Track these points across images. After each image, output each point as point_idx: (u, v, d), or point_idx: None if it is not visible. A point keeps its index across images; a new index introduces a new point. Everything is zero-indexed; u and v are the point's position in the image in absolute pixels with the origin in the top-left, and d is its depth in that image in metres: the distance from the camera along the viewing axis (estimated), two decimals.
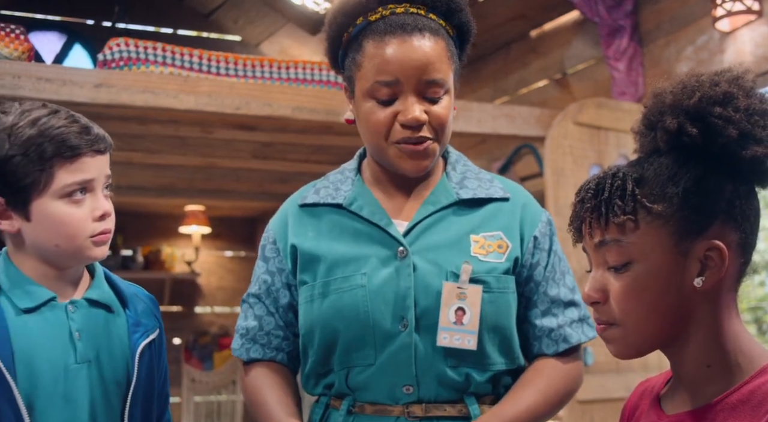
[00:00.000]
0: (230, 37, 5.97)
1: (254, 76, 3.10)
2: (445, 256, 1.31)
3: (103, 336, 1.28)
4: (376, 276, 1.30)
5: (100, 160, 1.27)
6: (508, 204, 1.39)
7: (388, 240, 1.32)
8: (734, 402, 0.91)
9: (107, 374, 1.27)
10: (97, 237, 1.27)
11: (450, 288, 1.28)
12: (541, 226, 1.42)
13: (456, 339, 1.27)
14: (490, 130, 3.33)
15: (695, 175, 0.95)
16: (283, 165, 4.02)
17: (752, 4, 3.07)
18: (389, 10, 1.29)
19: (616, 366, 3.05)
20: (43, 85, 2.63)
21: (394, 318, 1.28)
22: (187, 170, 4.20)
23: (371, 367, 1.29)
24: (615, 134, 3.31)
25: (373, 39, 1.28)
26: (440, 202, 1.36)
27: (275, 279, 1.40)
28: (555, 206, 3.07)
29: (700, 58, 3.39)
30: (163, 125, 3.20)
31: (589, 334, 1.40)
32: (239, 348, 1.42)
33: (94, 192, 1.27)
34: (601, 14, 3.68)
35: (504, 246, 1.34)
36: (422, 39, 1.27)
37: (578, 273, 3.05)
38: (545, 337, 1.37)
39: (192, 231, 5.57)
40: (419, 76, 1.27)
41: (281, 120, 3.02)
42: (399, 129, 1.28)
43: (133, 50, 2.92)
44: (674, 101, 0.97)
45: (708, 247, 0.94)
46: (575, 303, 1.40)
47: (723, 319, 0.96)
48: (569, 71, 4.26)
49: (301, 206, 1.41)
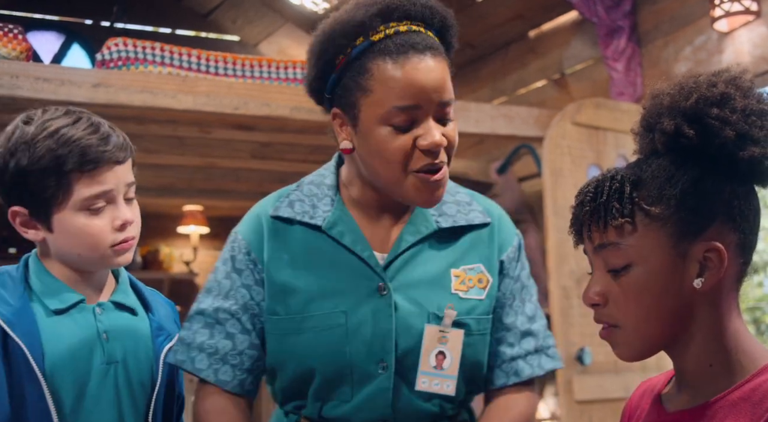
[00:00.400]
0: (229, 37, 5.97)
1: (253, 76, 3.10)
2: (427, 295, 1.27)
3: (129, 338, 1.31)
4: (356, 315, 1.24)
5: (120, 169, 1.28)
6: (486, 230, 1.34)
7: (369, 274, 1.26)
8: (735, 400, 0.92)
9: (133, 375, 1.29)
10: (118, 246, 1.28)
11: (432, 331, 1.25)
12: (510, 251, 1.36)
13: (435, 384, 1.25)
14: (489, 130, 3.33)
15: (693, 176, 0.95)
16: (282, 165, 4.01)
17: (750, 4, 3.07)
18: (392, 28, 1.19)
19: (614, 366, 3.05)
20: (42, 85, 2.63)
21: (373, 359, 1.24)
22: (185, 170, 4.19)
23: (347, 404, 1.26)
24: (613, 134, 3.31)
25: (383, 60, 1.17)
26: (420, 231, 1.29)
27: (253, 292, 1.30)
28: (554, 206, 3.08)
29: (698, 58, 3.40)
30: (161, 125, 3.20)
31: (546, 366, 1.35)
32: (206, 369, 1.29)
33: (114, 201, 1.28)
34: (599, 14, 3.68)
35: (484, 281, 1.31)
36: (434, 58, 1.19)
37: (576, 274, 3.05)
38: (497, 368, 1.34)
39: (190, 231, 5.56)
40: (438, 98, 1.19)
41: (280, 120, 3.02)
42: (419, 156, 1.18)
43: (131, 50, 2.92)
44: (671, 102, 0.97)
45: (707, 249, 0.94)
46: (532, 332, 1.35)
47: (724, 319, 0.96)
48: (567, 71, 4.26)
49: (273, 218, 1.32)
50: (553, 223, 3.05)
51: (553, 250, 3.04)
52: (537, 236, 4.18)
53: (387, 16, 1.19)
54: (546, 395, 4.18)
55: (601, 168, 3.25)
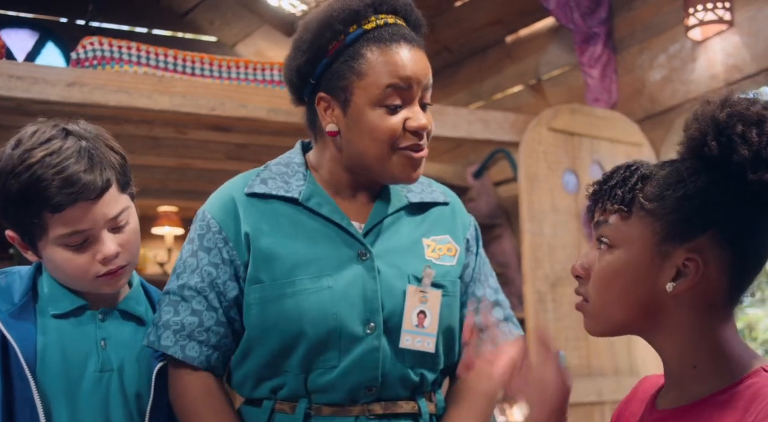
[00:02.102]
0: (206, 37, 5.94)
1: (229, 77, 3.08)
2: (405, 260, 1.34)
3: (130, 348, 1.30)
4: (342, 278, 1.29)
5: (97, 207, 1.23)
6: (448, 208, 1.44)
7: (349, 241, 1.32)
8: (722, 401, 0.94)
9: (129, 385, 1.28)
10: (103, 278, 1.26)
11: (413, 291, 1.31)
12: (471, 230, 1.46)
13: (417, 341, 1.31)
14: (465, 135, 3.35)
15: (700, 185, 0.97)
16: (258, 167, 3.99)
17: (724, 14, 3.12)
18: (382, 19, 1.30)
19: (588, 370, 3.07)
20: (15, 83, 2.60)
21: (361, 320, 1.28)
22: (160, 171, 4.16)
23: (334, 370, 1.28)
24: (589, 140, 3.34)
25: (378, 46, 1.28)
26: (393, 204, 1.38)
27: (220, 271, 1.31)
28: (529, 211, 3.09)
29: (672, 66, 3.44)
30: (136, 125, 3.18)
31: (514, 332, 1.45)
32: (173, 346, 1.28)
33: (95, 237, 1.25)
34: (575, 21, 3.71)
35: (453, 250, 1.39)
36: (420, 49, 1.32)
37: (551, 278, 3.07)
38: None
39: (165, 232, 5.52)
40: (425, 81, 1.31)
41: (256, 121, 3.01)
42: (406, 136, 1.29)
43: (107, 49, 2.90)
44: (709, 111, 0.98)
45: (687, 257, 0.96)
46: (499, 302, 1.46)
47: (709, 327, 0.98)
48: (544, 77, 4.29)
49: (248, 195, 1.35)
50: (529, 228, 3.07)
51: (528, 255, 3.06)
52: (512, 240, 4.20)
53: (378, 8, 1.31)
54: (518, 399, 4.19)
55: (577, 173, 3.28)
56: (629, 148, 3.39)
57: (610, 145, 3.39)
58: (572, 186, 3.26)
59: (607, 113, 3.49)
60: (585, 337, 3.10)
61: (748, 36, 3.10)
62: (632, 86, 3.65)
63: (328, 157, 1.36)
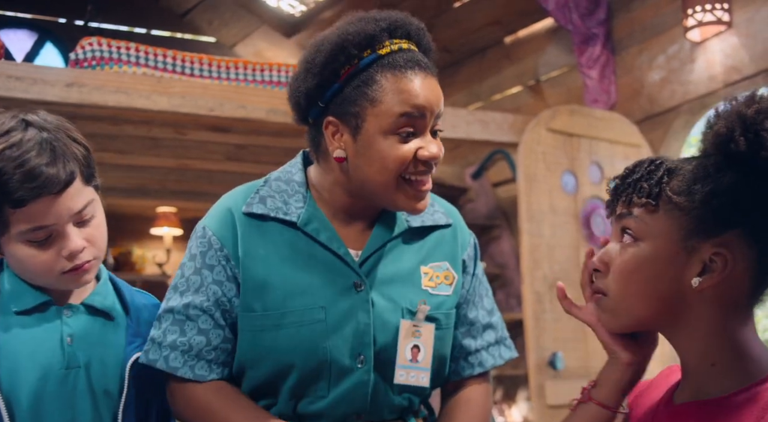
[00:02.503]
0: (205, 38, 5.94)
1: (228, 78, 3.08)
2: (400, 292, 1.32)
3: (97, 343, 1.26)
4: (334, 311, 1.27)
5: (60, 201, 1.19)
6: (449, 230, 1.41)
7: (345, 271, 1.29)
8: (740, 401, 0.93)
9: (96, 382, 1.24)
10: (69, 274, 1.23)
11: (407, 326, 1.30)
12: (469, 250, 1.43)
13: (411, 376, 1.31)
14: (464, 136, 3.35)
15: (728, 181, 0.96)
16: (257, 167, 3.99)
17: (722, 15, 3.12)
18: (396, 44, 1.27)
19: (586, 371, 3.07)
20: (13, 84, 2.60)
21: (351, 354, 1.28)
22: (159, 171, 4.16)
23: (323, 399, 1.28)
24: (587, 141, 3.34)
25: (392, 73, 1.24)
26: (392, 229, 1.35)
27: (224, 288, 1.29)
28: (528, 212, 3.09)
29: (671, 67, 3.44)
30: (135, 126, 3.17)
31: (505, 356, 1.45)
32: (182, 367, 1.27)
33: (59, 233, 1.20)
34: (574, 22, 3.71)
35: (450, 278, 1.37)
36: (433, 76, 1.29)
37: (549, 279, 3.07)
38: (462, 360, 1.42)
39: (163, 232, 5.52)
40: (436, 110, 1.27)
41: (255, 122, 3.01)
42: (417, 164, 1.26)
43: (105, 50, 2.90)
44: (735, 107, 0.98)
45: (714, 252, 0.95)
46: (492, 325, 1.44)
47: (731, 325, 0.97)
48: (543, 78, 4.30)
49: (246, 215, 1.31)
50: (527, 228, 3.07)
51: (526, 255, 3.06)
52: (511, 241, 4.20)
53: (393, 32, 1.27)
54: (518, 399, 4.20)
55: (576, 174, 3.28)
56: (628, 149, 3.39)
57: (608, 145, 3.39)
58: (571, 187, 3.26)
59: (606, 114, 3.50)
60: (583, 338, 3.10)
61: (747, 37, 3.11)
62: (631, 87, 3.65)
63: (330, 180, 1.32)
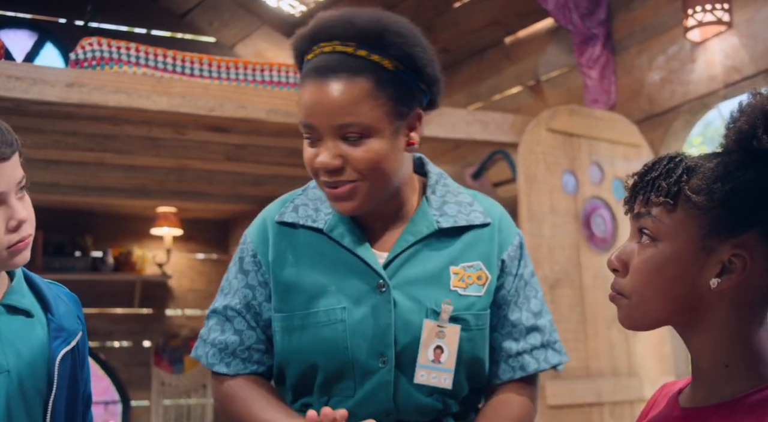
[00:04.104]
0: (205, 38, 5.94)
1: (228, 78, 3.08)
2: (425, 292, 1.31)
3: (21, 343, 1.23)
4: (356, 311, 1.29)
5: (7, 167, 1.18)
6: (487, 229, 1.37)
7: (369, 273, 1.30)
8: (753, 404, 0.92)
9: (27, 383, 1.22)
10: (14, 248, 1.20)
11: (430, 326, 1.29)
12: (511, 250, 1.38)
13: (433, 377, 1.29)
14: (464, 136, 3.35)
15: (749, 178, 0.94)
16: (257, 167, 4.00)
17: (722, 15, 3.12)
18: (320, 48, 1.26)
19: (587, 371, 3.07)
20: (13, 84, 2.60)
21: (373, 354, 1.28)
22: (159, 171, 4.16)
23: (351, 399, 1.29)
24: (587, 141, 3.34)
25: (302, 80, 1.27)
26: (420, 231, 1.33)
27: (256, 293, 1.36)
28: (528, 212, 3.09)
29: (671, 67, 3.44)
30: (135, 126, 3.17)
31: (552, 360, 1.40)
32: (219, 363, 1.36)
33: (5, 202, 1.19)
34: (574, 22, 3.71)
35: (483, 278, 1.34)
36: (335, 83, 1.22)
37: (550, 280, 3.07)
38: (503, 362, 1.38)
39: (163, 233, 5.52)
40: (329, 121, 1.23)
41: (255, 122, 3.01)
42: (321, 171, 1.27)
43: (105, 50, 2.89)
44: (758, 103, 0.96)
45: (733, 252, 0.94)
46: (538, 327, 1.39)
47: (747, 326, 0.96)
48: (543, 78, 4.30)
49: (279, 224, 1.37)
50: (528, 229, 3.06)
51: None
52: None
53: (316, 38, 1.27)
54: None
55: (576, 174, 3.28)
56: (628, 149, 3.39)
57: (609, 146, 3.39)
58: (571, 187, 3.26)
59: (606, 114, 3.50)
60: (584, 339, 3.10)
61: (747, 37, 3.11)
62: (631, 87, 3.65)
63: None
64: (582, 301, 3.12)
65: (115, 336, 5.70)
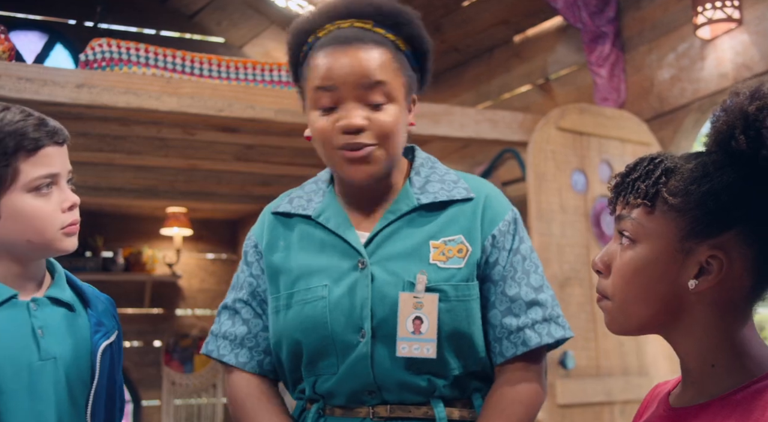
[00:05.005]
0: (213, 38, 5.95)
1: (237, 78, 3.09)
2: (403, 266, 1.32)
3: (66, 334, 1.29)
4: (337, 288, 1.32)
5: (62, 152, 1.29)
6: (470, 204, 1.37)
7: (350, 251, 1.34)
8: (739, 400, 0.92)
9: (71, 372, 1.27)
10: (67, 229, 1.29)
11: (406, 298, 1.29)
12: (502, 225, 1.37)
13: (415, 348, 1.28)
14: (473, 135, 3.34)
15: (726, 180, 0.94)
16: (266, 167, 4.00)
17: (732, 12, 3.10)
18: (336, 25, 1.34)
19: (596, 370, 3.06)
20: (24, 85, 2.61)
21: (352, 328, 1.30)
22: (168, 172, 4.17)
23: (335, 376, 1.31)
24: (597, 140, 3.33)
25: (316, 52, 1.32)
26: (401, 209, 1.36)
27: (259, 281, 1.42)
28: (538, 211, 3.09)
29: (681, 65, 3.42)
30: (145, 126, 3.19)
31: (556, 334, 1.35)
32: (228, 354, 1.41)
33: (59, 184, 1.29)
34: (584, 20, 3.70)
35: (464, 251, 1.33)
36: (362, 47, 1.31)
37: (559, 278, 3.06)
38: (505, 339, 1.34)
39: (173, 233, 5.53)
40: (358, 80, 1.29)
41: (264, 122, 3.01)
42: (340, 135, 1.29)
43: (115, 51, 2.90)
44: (738, 103, 0.96)
45: (711, 254, 0.94)
46: (539, 302, 1.35)
47: (730, 325, 0.96)
48: (552, 76, 4.29)
49: (273, 214, 1.44)
50: (537, 227, 3.06)
51: None
52: None
53: (333, 16, 1.35)
54: None
55: (585, 173, 3.27)
56: (638, 148, 3.38)
57: (618, 144, 3.38)
58: (581, 185, 3.25)
59: (616, 112, 3.48)
60: (594, 337, 3.09)
61: (757, 34, 3.09)
62: (641, 85, 3.64)
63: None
64: (592, 300, 3.11)
65: (126, 336, 5.72)
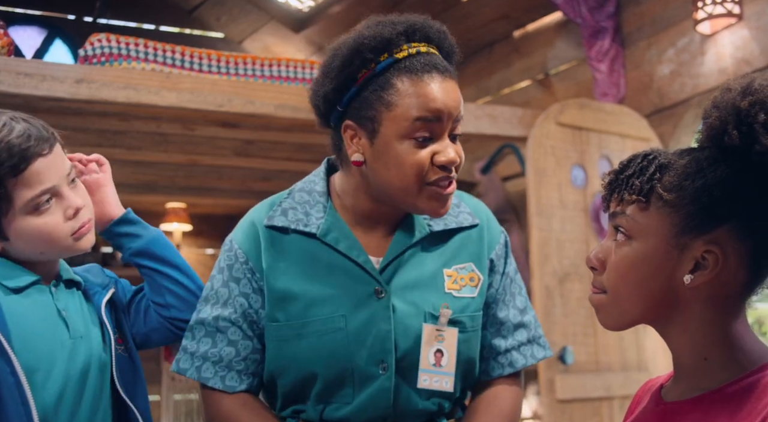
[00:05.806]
0: (213, 34, 5.95)
1: (237, 74, 3.09)
2: (422, 296, 1.31)
3: (84, 312, 1.32)
4: (355, 318, 1.28)
5: (52, 160, 1.25)
6: (475, 230, 1.39)
7: (365, 278, 1.30)
8: (731, 393, 0.93)
9: (96, 346, 1.30)
10: (77, 233, 1.28)
11: (429, 330, 1.29)
12: (498, 248, 1.41)
13: (435, 381, 1.30)
14: (473, 130, 3.34)
15: (720, 175, 0.94)
16: (266, 163, 4.00)
17: (733, 7, 3.10)
18: (414, 48, 1.25)
19: (596, 366, 3.07)
20: (23, 80, 2.61)
21: (373, 361, 1.28)
22: (168, 167, 4.18)
23: (349, 405, 1.29)
24: (597, 135, 3.33)
25: (408, 77, 1.23)
26: (413, 235, 1.34)
27: (251, 300, 1.34)
28: (537, 206, 3.09)
29: (681, 60, 3.42)
30: (144, 122, 3.18)
31: (538, 355, 1.42)
32: (213, 377, 1.33)
33: (59, 194, 1.26)
34: (583, 15, 3.70)
35: (476, 279, 1.35)
36: (452, 79, 1.28)
37: (559, 274, 3.07)
38: (492, 360, 1.40)
39: (173, 228, 5.54)
40: (456, 114, 1.27)
41: (264, 118, 3.01)
42: (435, 170, 1.24)
43: (114, 46, 2.90)
44: (730, 98, 0.96)
45: (706, 249, 0.94)
46: (524, 324, 1.41)
47: (723, 319, 0.97)
48: (552, 72, 4.28)
49: (268, 228, 1.35)
50: (537, 223, 3.06)
51: (536, 250, 3.06)
52: (520, 235, 4.20)
53: (410, 36, 1.26)
54: (528, 394, 4.20)
55: (585, 168, 3.27)
56: (637, 143, 3.38)
57: (618, 139, 3.38)
58: (580, 181, 3.25)
59: (616, 108, 3.48)
60: (593, 333, 3.09)
61: (757, 29, 3.09)
62: (640, 81, 3.64)
63: (353, 184, 1.33)
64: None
65: None
